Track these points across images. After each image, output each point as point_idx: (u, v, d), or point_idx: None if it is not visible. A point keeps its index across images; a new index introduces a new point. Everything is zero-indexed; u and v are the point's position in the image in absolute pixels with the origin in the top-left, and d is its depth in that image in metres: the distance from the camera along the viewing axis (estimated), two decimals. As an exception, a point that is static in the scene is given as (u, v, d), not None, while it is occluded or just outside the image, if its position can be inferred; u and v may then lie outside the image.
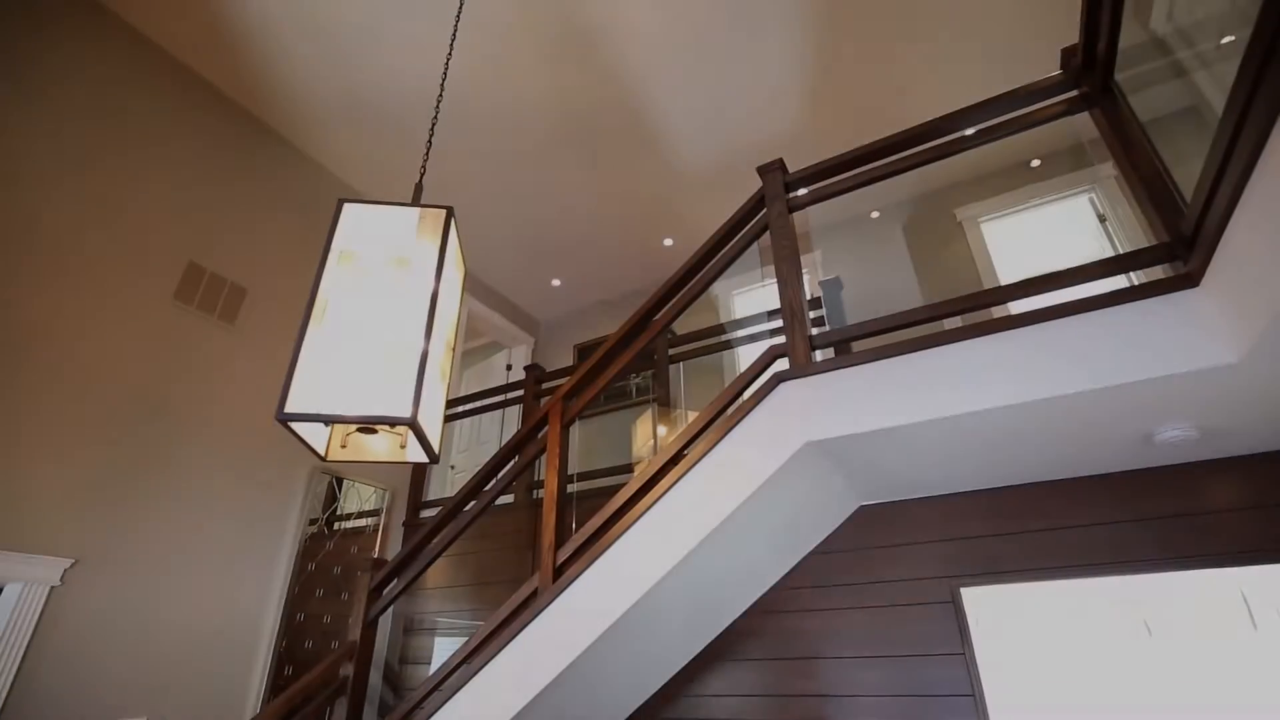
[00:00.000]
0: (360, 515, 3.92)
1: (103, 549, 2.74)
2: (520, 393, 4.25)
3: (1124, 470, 2.36)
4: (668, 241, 5.04)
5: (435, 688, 2.31)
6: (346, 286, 1.59)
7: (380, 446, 1.72)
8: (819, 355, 2.15)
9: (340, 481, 3.85)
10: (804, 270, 2.35)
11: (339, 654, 2.58)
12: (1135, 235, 3.83)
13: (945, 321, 2.10)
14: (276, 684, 3.20)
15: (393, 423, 1.42)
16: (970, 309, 2.01)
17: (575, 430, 3.13)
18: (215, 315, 3.40)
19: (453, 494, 3.57)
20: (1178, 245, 1.66)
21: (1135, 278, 2.13)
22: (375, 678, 3.66)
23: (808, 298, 2.36)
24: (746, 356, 4.47)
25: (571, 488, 3.35)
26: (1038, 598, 2.44)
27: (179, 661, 2.90)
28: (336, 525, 3.74)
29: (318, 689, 2.55)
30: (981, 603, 2.45)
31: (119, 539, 2.80)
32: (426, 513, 4.17)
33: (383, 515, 4.03)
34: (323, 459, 1.68)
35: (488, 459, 2.72)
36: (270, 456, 3.50)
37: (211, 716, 2.96)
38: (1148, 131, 1.82)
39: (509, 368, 5.66)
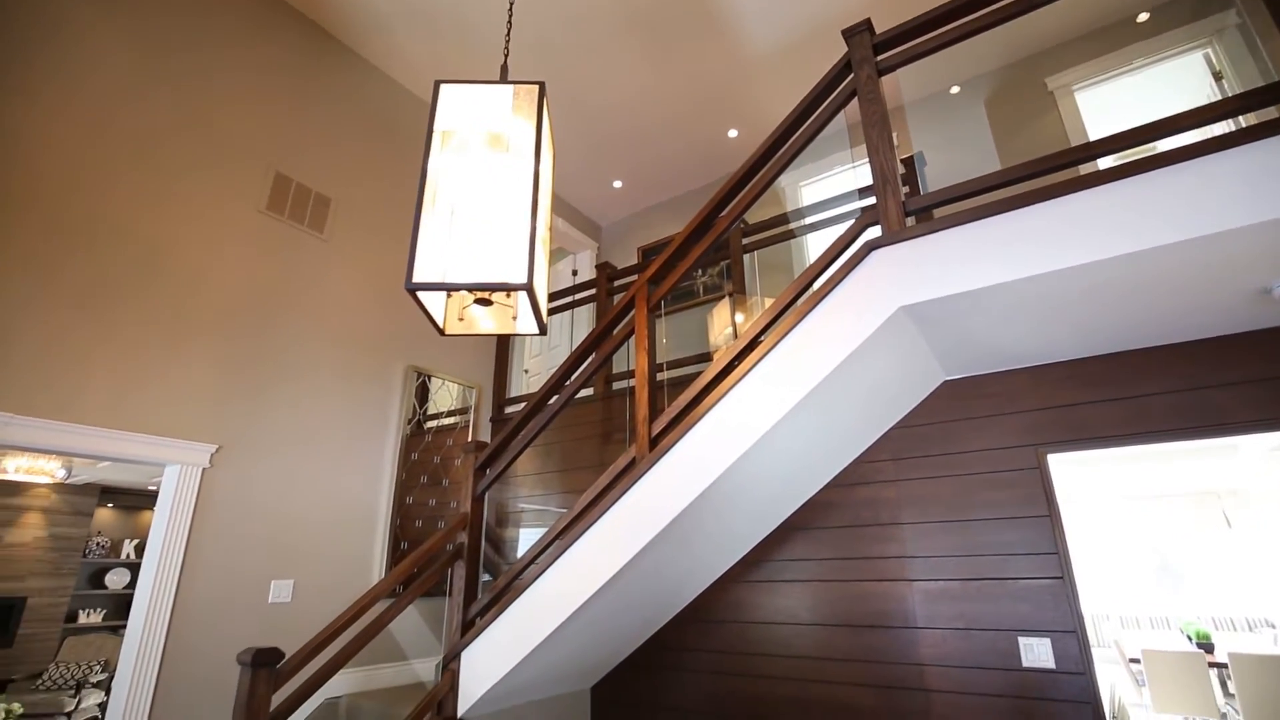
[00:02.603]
0: (450, 414, 4.20)
1: (239, 437, 3.06)
2: (592, 292, 4.35)
3: (1234, 333, 2.29)
4: (732, 133, 4.88)
5: (545, 548, 2.56)
6: (451, 166, 1.66)
7: (490, 323, 1.84)
8: (910, 223, 2.12)
9: (429, 382, 4.10)
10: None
11: (453, 524, 2.86)
12: (1257, 90, 3.47)
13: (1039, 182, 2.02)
14: (394, 556, 3.59)
15: (508, 288, 1.52)
16: (1071, 162, 1.92)
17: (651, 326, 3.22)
18: (305, 224, 3.56)
19: (530, 395, 3.76)
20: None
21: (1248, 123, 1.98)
22: (485, 548, 4.05)
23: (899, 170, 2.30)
24: (817, 247, 4.40)
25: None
26: (1124, 470, 2.45)
27: (313, 535, 3.29)
28: (429, 423, 4.03)
29: (437, 554, 2.85)
30: (1067, 470, 2.49)
31: (250, 429, 3.12)
32: (510, 409, 4.42)
33: (471, 412, 4.30)
34: (441, 332, 1.82)
35: (559, 363, 2.85)
36: (369, 357, 3.76)
37: (345, 580, 3.37)
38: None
39: (575, 273, 5.75)
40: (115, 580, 7.21)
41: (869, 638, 2.68)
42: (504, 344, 4.64)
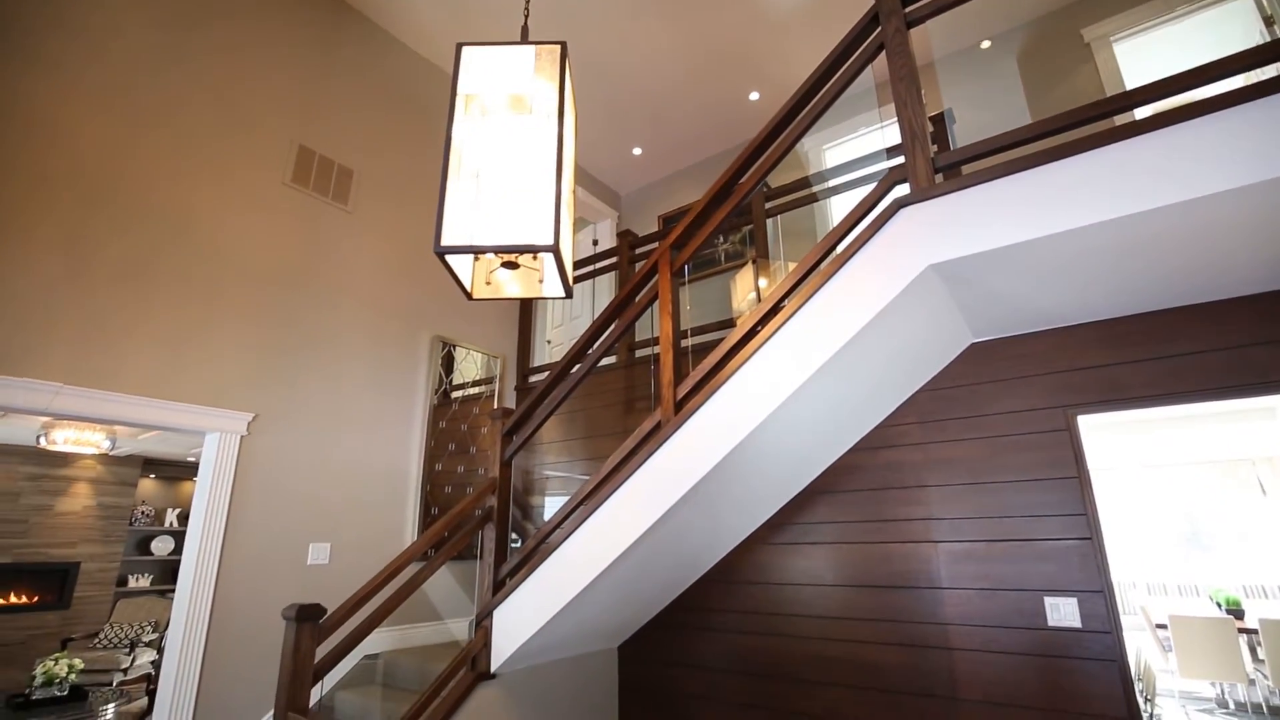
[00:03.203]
0: (475, 384, 4.26)
1: (274, 406, 3.15)
2: (613, 260, 4.34)
3: (1276, 289, 2.23)
4: (754, 95, 4.78)
5: (572, 511, 2.61)
6: (476, 130, 1.67)
7: (517, 287, 1.86)
8: (939, 180, 2.08)
9: (454, 351, 4.15)
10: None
11: (483, 489, 2.93)
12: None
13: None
14: (425, 521, 3.69)
15: (535, 250, 1.54)
16: (1108, 113, 1.85)
17: (675, 292, 3.22)
18: (329, 197, 3.60)
19: (554, 364, 3.78)
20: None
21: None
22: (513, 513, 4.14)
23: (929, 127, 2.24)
24: (841, 211, 4.32)
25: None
26: (1155, 437, 2.41)
27: (348, 501, 3.39)
28: (455, 393, 4.09)
29: (467, 518, 2.93)
30: (1095, 437, 2.46)
31: (284, 398, 3.20)
32: (535, 378, 4.47)
33: (497, 381, 4.36)
34: (469, 295, 1.84)
35: (581, 333, 2.86)
36: (396, 327, 3.82)
37: (379, 543, 3.48)
38: None
39: (595, 243, 5.73)
40: (160, 547, 7.53)
41: (893, 598, 2.71)
42: (527, 314, 4.67)
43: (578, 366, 2.85)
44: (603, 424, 4.00)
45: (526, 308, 4.72)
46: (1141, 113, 2.01)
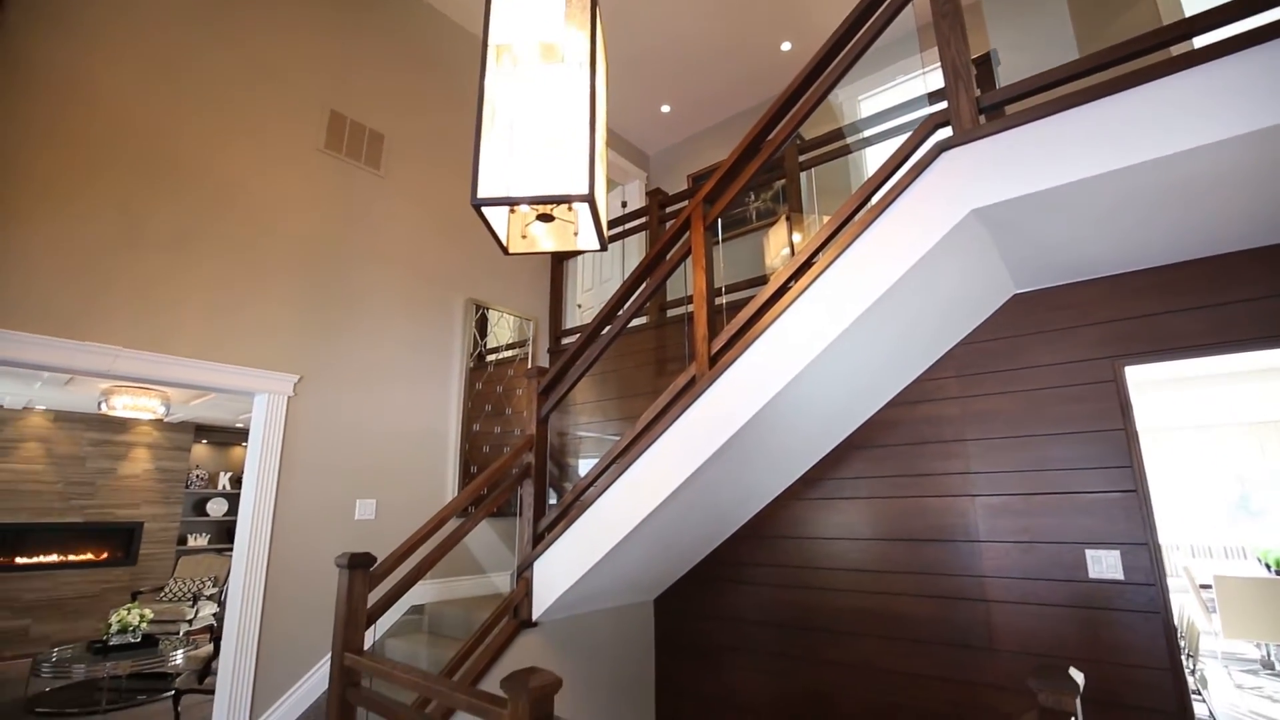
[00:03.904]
0: (509, 347, 4.32)
1: (317, 368, 3.25)
2: (643, 220, 4.31)
3: (1344, 228, 2.10)
4: (786, 45, 4.63)
5: (608, 466, 2.66)
6: (507, 82, 1.66)
7: (551, 242, 1.87)
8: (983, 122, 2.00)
9: (488, 314, 4.20)
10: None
11: (520, 445, 3.00)
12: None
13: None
14: (464, 479, 3.80)
15: (570, 199, 1.54)
16: (1166, 42, 1.75)
17: (708, 247, 3.19)
18: (362, 161, 3.63)
19: (585, 326, 3.81)
20: None
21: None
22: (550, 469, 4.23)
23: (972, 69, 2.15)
24: (879, 163, 4.20)
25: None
26: (1204, 394, 2.33)
27: (391, 460, 3.51)
28: (489, 356, 4.16)
29: (504, 475, 3.00)
30: (1143, 390, 2.39)
31: (327, 360, 3.30)
32: (567, 340, 4.51)
33: (530, 344, 4.42)
34: (505, 250, 1.86)
35: (611, 295, 2.86)
36: (431, 291, 3.88)
37: (422, 499, 3.60)
38: None
39: (624, 205, 5.68)
40: (214, 509, 7.92)
41: (928, 551, 2.71)
42: (558, 277, 4.69)
43: (608, 328, 2.87)
44: (635, 384, 4.03)
45: (557, 271, 4.74)
46: (1201, 42, 1.89)
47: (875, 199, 2.14)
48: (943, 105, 2.04)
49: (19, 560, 6.13)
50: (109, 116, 2.69)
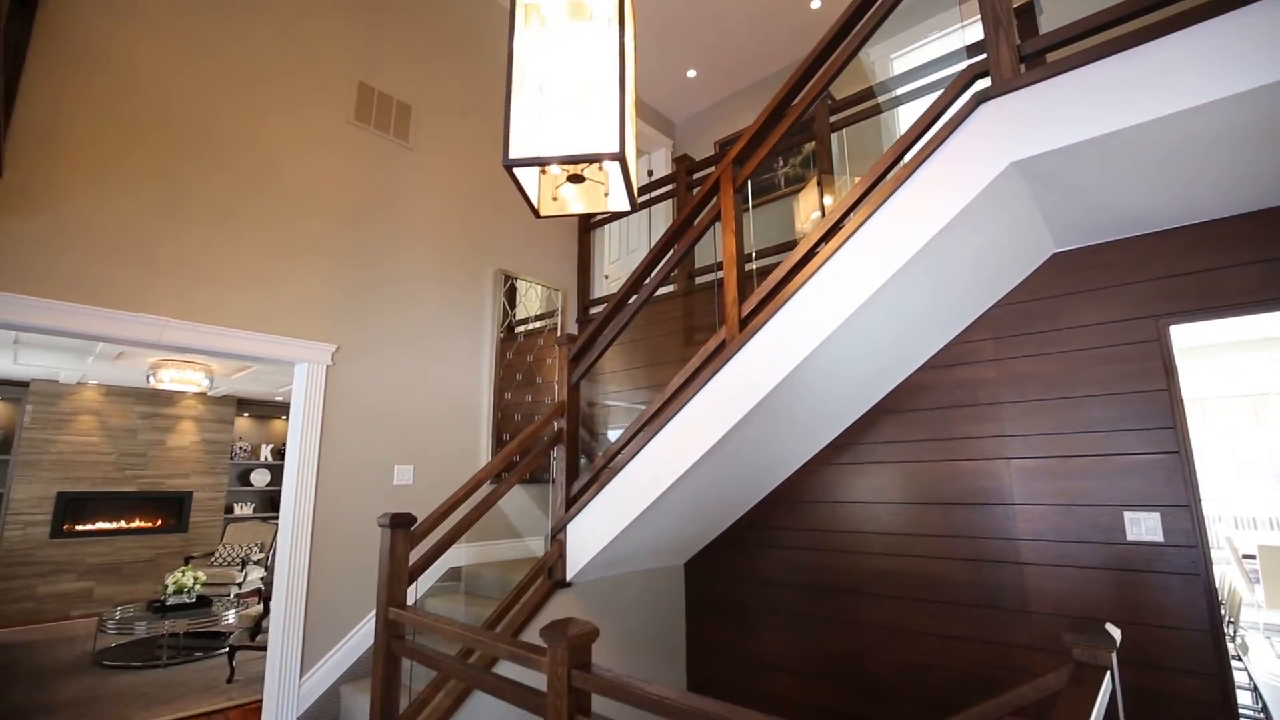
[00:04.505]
0: (538, 318, 4.36)
1: (354, 338, 3.33)
2: (670, 188, 4.27)
3: None
4: (815, 3, 4.49)
5: (639, 429, 2.69)
6: (536, 42, 1.65)
7: (580, 205, 1.87)
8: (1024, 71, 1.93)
9: (517, 285, 4.24)
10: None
11: (552, 411, 3.05)
12: None
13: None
14: (497, 446, 3.88)
15: (601, 158, 1.54)
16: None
17: (738, 211, 3.16)
18: (390, 134, 3.66)
19: (613, 295, 3.82)
20: None
21: None
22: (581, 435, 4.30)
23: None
24: (910, 121, 4.08)
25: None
26: (1250, 360, 2.25)
27: (427, 427, 3.59)
28: (519, 327, 4.21)
29: (536, 440, 3.06)
30: (1186, 358, 2.32)
31: (363, 330, 3.38)
32: (595, 309, 4.54)
33: (559, 314, 4.45)
34: (536, 213, 1.87)
35: (638, 265, 2.86)
36: (461, 261, 3.92)
37: (457, 465, 3.70)
38: None
39: (650, 173, 5.64)
40: (258, 479, 8.23)
41: (961, 515, 2.70)
42: (585, 247, 4.70)
43: (635, 296, 2.88)
44: (663, 352, 4.04)
45: (584, 241, 4.74)
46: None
47: (909, 156, 2.09)
48: (981, 58, 1.98)
49: (79, 527, 6.47)
50: (150, 93, 2.75)
